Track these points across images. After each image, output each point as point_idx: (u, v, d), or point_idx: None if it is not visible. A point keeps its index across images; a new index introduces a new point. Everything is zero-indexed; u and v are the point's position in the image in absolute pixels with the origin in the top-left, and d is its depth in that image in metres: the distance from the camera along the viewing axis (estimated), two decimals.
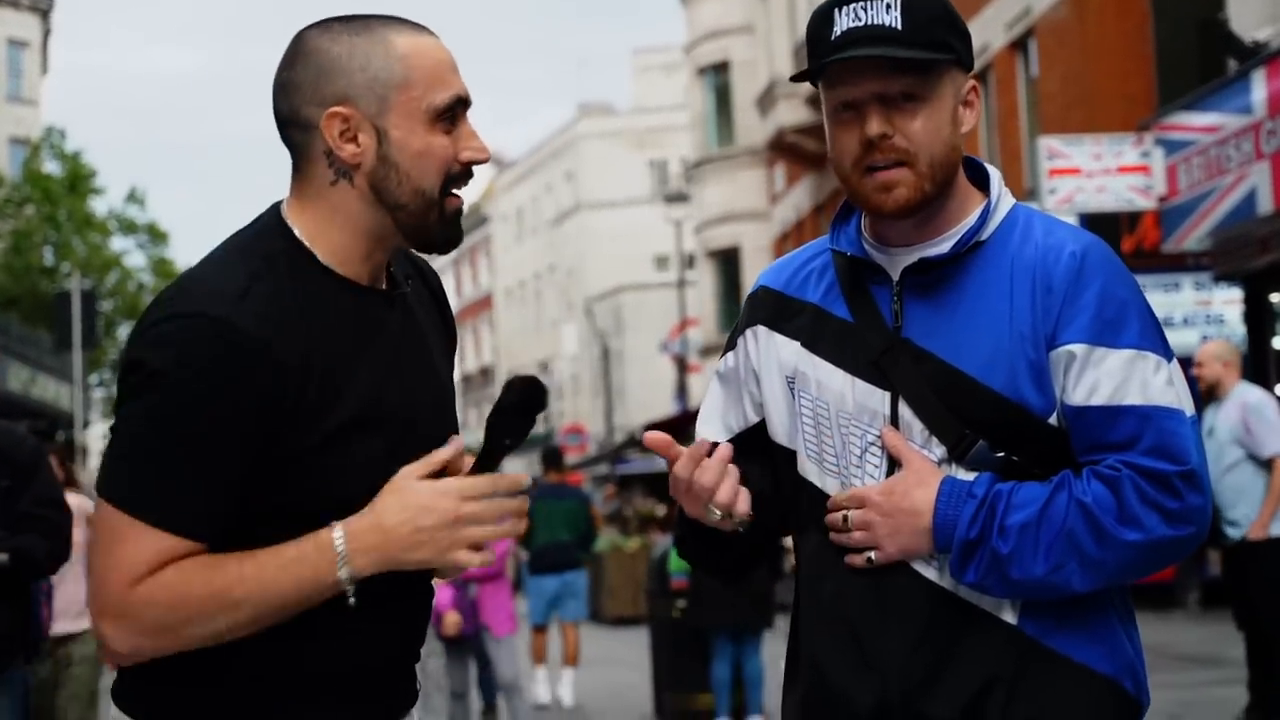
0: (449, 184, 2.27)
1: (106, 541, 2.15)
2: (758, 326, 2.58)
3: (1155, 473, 2.32)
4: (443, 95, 2.25)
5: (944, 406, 2.37)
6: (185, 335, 2.13)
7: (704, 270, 39.53)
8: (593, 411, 51.01)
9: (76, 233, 40.60)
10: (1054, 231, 2.45)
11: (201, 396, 2.11)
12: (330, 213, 2.27)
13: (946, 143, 2.40)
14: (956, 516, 2.33)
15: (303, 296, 2.22)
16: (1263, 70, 13.82)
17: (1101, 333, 2.35)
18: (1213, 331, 17.52)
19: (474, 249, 68.22)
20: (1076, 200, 16.51)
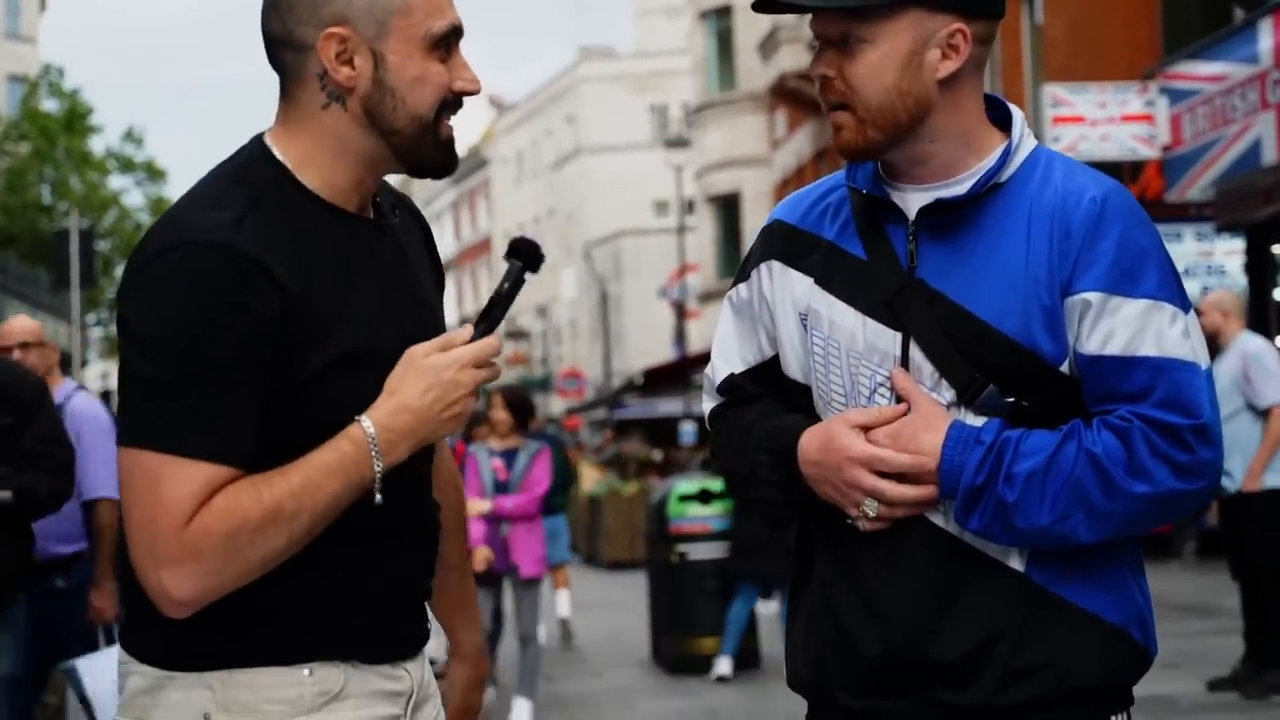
0: (442, 111, 2.27)
1: (145, 489, 2.09)
2: (772, 261, 2.55)
3: (1167, 425, 2.30)
4: (440, 23, 2.24)
5: (955, 349, 2.35)
6: (188, 263, 2.11)
7: (704, 216, 39.46)
8: (591, 356, 51.03)
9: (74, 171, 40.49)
10: (1075, 175, 2.41)
11: (213, 321, 2.09)
12: (321, 136, 2.25)
13: (889, 89, 2.36)
14: (963, 462, 2.31)
15: (295, 224, 2.20)
16: (1270, 20, 13.74)
17: (1119, 281, 2.32)
18: (1214, 282, 17.48)
19: (473, 192, 68.10)
20: (1080, 149, 16.45)
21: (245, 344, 2.10)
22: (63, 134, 40.03)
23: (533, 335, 56.86)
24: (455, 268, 69.94)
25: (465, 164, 68.50)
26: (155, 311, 2.11)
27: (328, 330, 2.17)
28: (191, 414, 2.09)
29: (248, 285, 2.10)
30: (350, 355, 2.19)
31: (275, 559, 2.13)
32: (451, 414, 2.22)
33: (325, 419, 2.17)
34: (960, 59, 2.42)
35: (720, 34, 38.09)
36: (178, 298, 2.10)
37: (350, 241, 2.26)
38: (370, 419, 2.17)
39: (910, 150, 2.42)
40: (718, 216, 38.73)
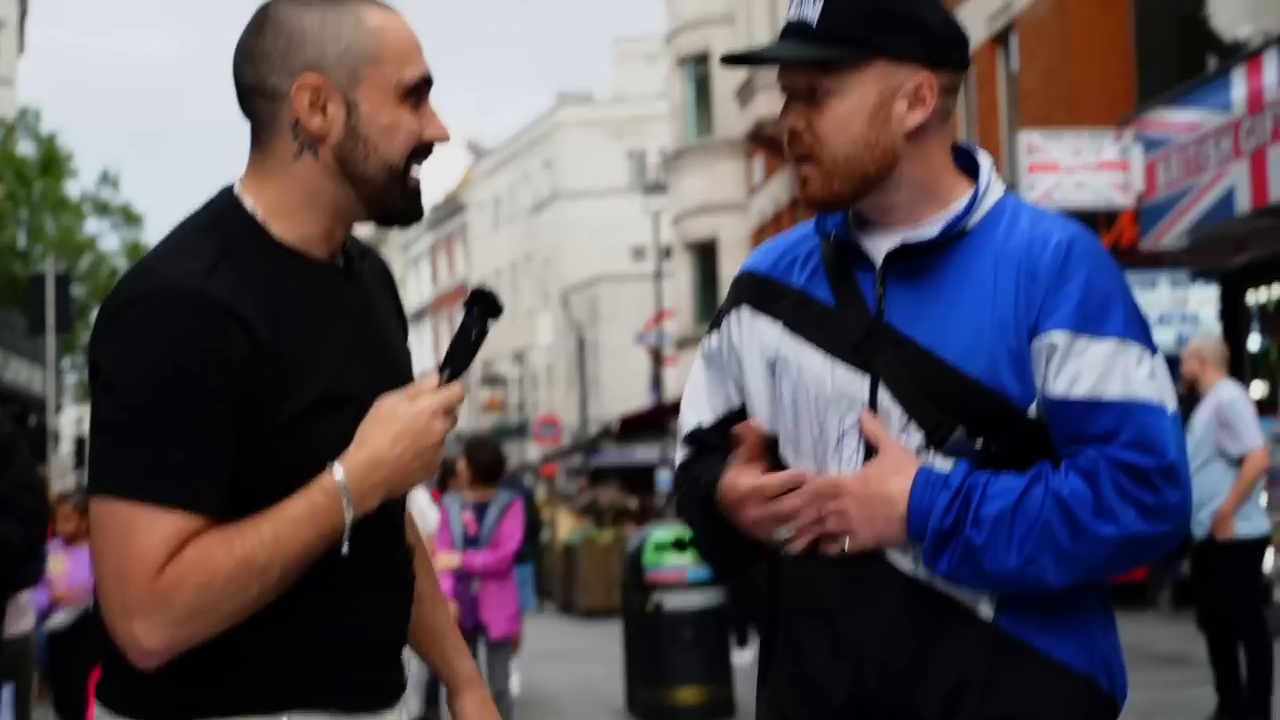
0: (412, 159, 2.28)
1: (116, 538, 2.08)
2: (741, 308, 2.58)
3: (1133, 467, 2.30)
4: (412, 72, 2.26)
5: (922, 393, 2.36)
6: (160, 311, 2.11)
7: (681, 262, 39.50)
8: (567, 403, 50.96)
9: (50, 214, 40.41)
10: (1040, 221, 2.43)
11: (184, 369, 2.09)
12: (292, 186, 2.26)
13: (856, 141, 2.39)
14: (931, 505, 2.32)
15: (266, 273, 2.20)
16: (1243, 68, 13.82)
17: (1085, 322, 2.34)
18: (1189, 330, 17.53)
19: (450, 237, 68.12)
20: (1055, 196, 16.50)
21: (216, 391, 2.10)
22: (39, 177, 39.97)
23: (509, 381, 56.79)
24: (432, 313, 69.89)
25: (443, 209, 68.56)
26: (126, 359, 2.11)
27: (299, 377, 2.18)
28: (162, 462, 2.09)
29: (219, 333, 2.11)
30: (321, 402, 2.19)
31: (246, 609, 2.12)
32: (422, 463, 2.22)
33: (297, 465, 2.17)
34: (927, 110, 2.42)
35: (698, 80, 38.23)
36: (149, 345, 2.10)
37: (320, 289, 2.26)
38: (342, 469, 2.16)
39: (877, 200, 2.44)
40: (695, 262, 38.78)
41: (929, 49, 2.41)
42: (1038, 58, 19.74)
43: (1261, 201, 13.52)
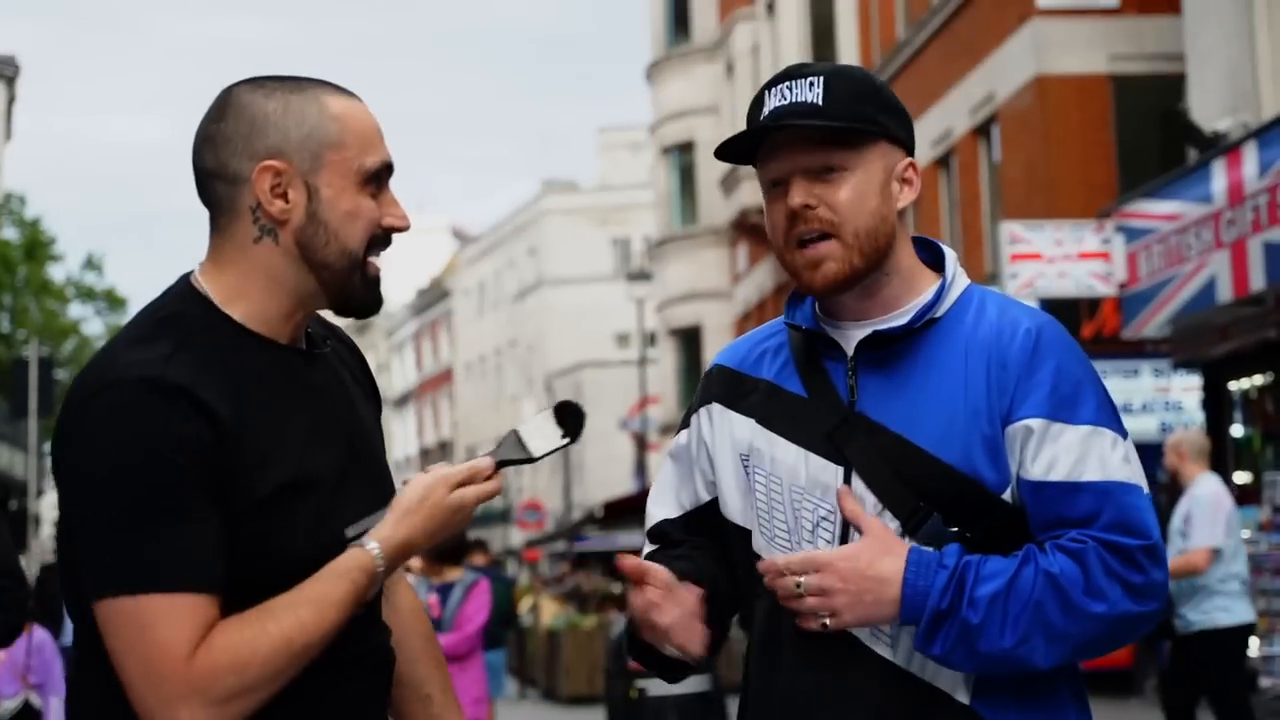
0: (372, 247, 2.28)
1: (136, 635, 2.05)
2: (712, 405, 2.58)
3: (1119, 546, 2.33)
4: (373, 159, 2.26)
5: (897, 480, 2.37)
6: (121, 401, 2.10)
7: (665, 348, 39.55)
8: (551, 488, 50.81)
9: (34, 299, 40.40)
10: (1009, 310, 2.47)
11: (155, 454, 2.07)
12: (251, 271, 2.25)
13: (874, 214, 2.42)
14: (929, 587, 2.30)
15: (225, 357, 2.19)
16: (1222, 160, 13.96)
17: (1058, 408, 2.37)
18: (1171, 418, 17.58)
19: (435, 323, 68.16)
20: (1038, 285, 16.60)
21: (191, 473, 2.09)
22: (23, 262, 40.00)
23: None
24: (416, 398, 69.78)
25: (428, 295, 68.66)
26: (97, 455, 2.09)
27: (263, 463, 2.16)
28: (164, 550, 2.07)
29: (181, 416, 2.09)
30: (287, 486, 2.17)
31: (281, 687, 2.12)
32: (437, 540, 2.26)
33: (255, 552, 2.14)
34: (915, 192, 2.49)
35: (682, 169, 38.45)
36: (115, 437, 2.08)
37: (281, 372, 2.25)
38: (380, 547, 2.18)
39: (869, 281, 2.46)
40: (679, 349, 38.84)
41: (909, 136, 2.50)
42: (1019, 149, 19.92)
43: (1243, 291, 13.62)
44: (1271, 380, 14.96)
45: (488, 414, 59.24)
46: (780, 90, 2.45)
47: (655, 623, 2.38)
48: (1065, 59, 19.15)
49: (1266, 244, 13.11)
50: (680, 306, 38.16)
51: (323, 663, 2.19)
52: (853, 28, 27.29)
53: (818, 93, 2.41)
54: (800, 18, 29.41)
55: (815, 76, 2.43)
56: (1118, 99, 19.10)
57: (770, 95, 2.46)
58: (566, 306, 54.44)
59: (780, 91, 2.44)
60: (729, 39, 34.09)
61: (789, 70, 2.48)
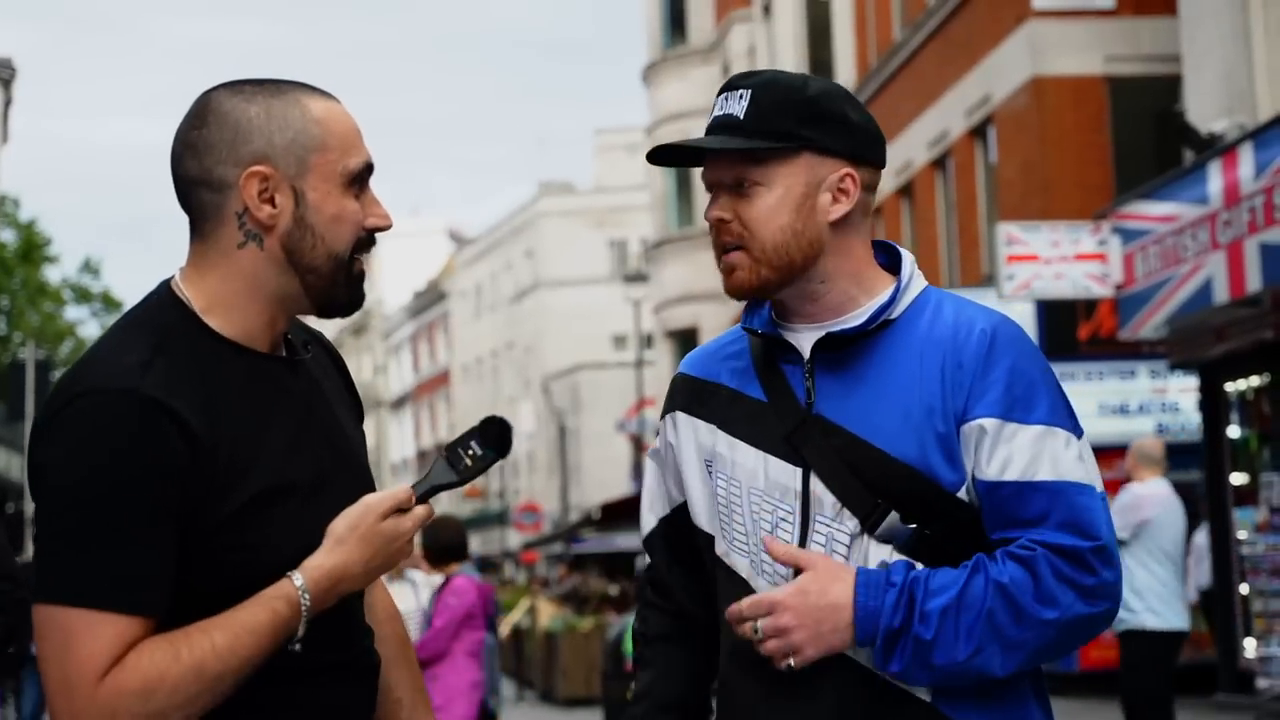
0: (358, 248, 2.27)
1: (59, 645, 2.05)
2: (676, 413, 2.64)
3: (1068, 549, 2.35)
4: (356, 160, 2.26)
5: (855, 479, 2.40)
6: (93, 413, 2.08)
7: (662, 350, 39.58)
8: (548, 490, 50.82)
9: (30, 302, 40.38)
10: (964, 310, 2.49)
11: (120, 471, 2.06)
12: (233, 277, 2.24)
13: (784, 229, 2.45)
14: (879, 606, 2.33)
15: (203, 367, 2.17)
16: (1219, 161, 13.97)
17: (1012, 408, 2.39)
18: (1168, 420, 17.59)
19: (432, 325, 68.17)
20: (1034, 286, 16.61)
21: (154, 492, 2.07)
22: (19, 265, 39.99)
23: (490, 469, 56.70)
24: (413, 400, 69.77)
25: (424, 297, 68.66)
26: (62, 463, 2.08)
27: (240, 472, 2.15)
28: (101, 567, 2.05)
29: (155, 432, 2.08)
30: (265, 494, 2.16)
31: (196, 715, 2.09)
32: (382, 570, 2.24)
33: (243, 559, 2.14)
34: (850, 202, 2.49)
35: (679, 171, 38.44)
36: (83, 448, 2.07)
37: (260, 381, 2.24)
38: (303, 577, 2.15)
39: (802, 290, 2.50)
40: (676, 350, 38.84)
41: (851, 145, 2.49)
42: (1016, 150, 19.94)
43: (1239, 292, 13.63)
44: (1268, 381, 14.97)
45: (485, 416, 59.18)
46: (720, 100, 2.51)
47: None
48: (1061, 60, 19.17)
49: (1263, 245, 13.13)
50: (677, 308, 38.18)
51: (308, 668, 2.19)
52: (849, 29, 27.31)
53: (742, 105, 2.47)
54: (796, 19, 29.43)
55: (746, 88, 2.48)
56: (1114, 100, 19.13)
57: (716, 102, 2.52)
58: (563, 308, 54.47)
59: (720, 101, 2.51)
60: (725, 41, 34.12)
61: (733, 79, 2.52)
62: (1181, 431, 17.39)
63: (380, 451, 68.56)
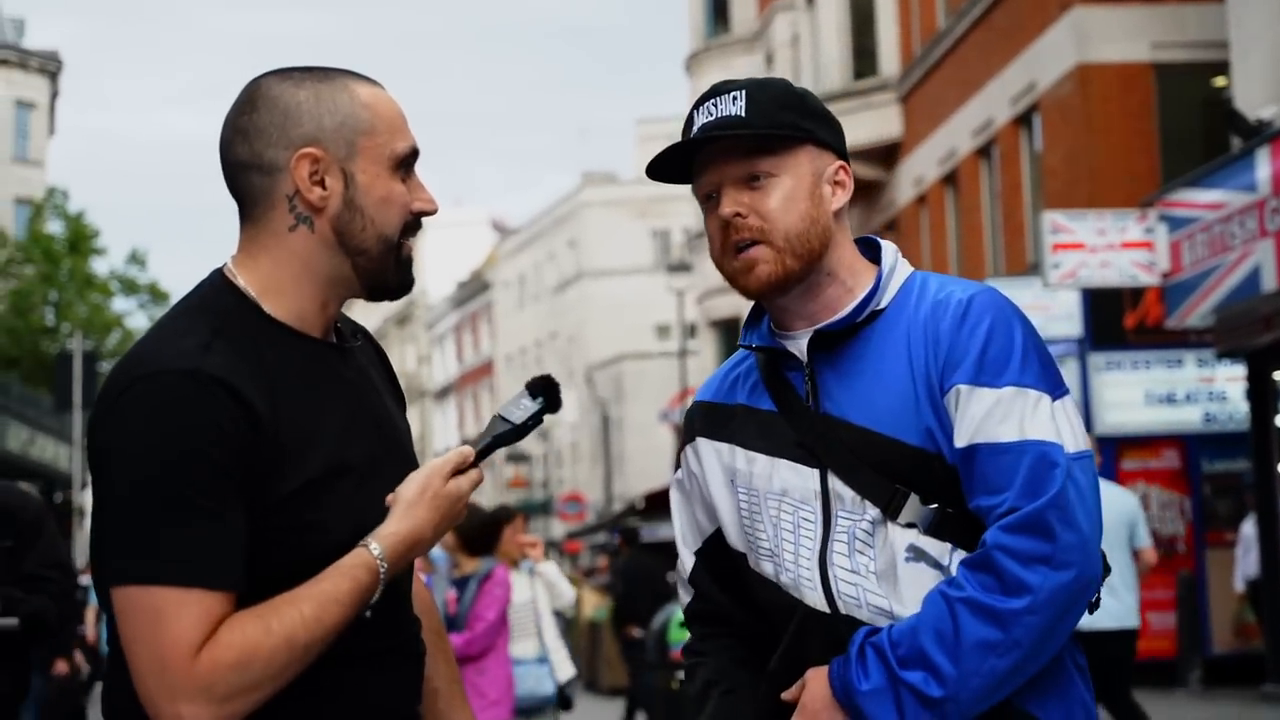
0: (405, 231, 2.31)
1: (148, 626, 2.07)
2: (696, 440, 2.69)
3: (1024, 520, 2.32)
4: (403, 144, 2.30)
5: (870, 470, 2.43)
6: (159, 393, 2.11)
7: (705, 340, 39.55)
8: (591, 480, 50.88)
9: (77, 293, 40.66)
10: (945, 286, 2.53)
11: (189, 448, 2.08)
12: (285, 260, 2.27)
13: (804, 217, 2.49)
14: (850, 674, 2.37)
15: (261, 350, 2.21)
16: (1267, 148, 13.86)
17: (981, 372, 2.40)
18: (1215, 409, 17.49)
19: (475, 315, 68.32)
20: (1080, 275, 16.52)
21: (223, 468, 2.10)
22: (67, 256, 40.25)
23: (534, 458, 56.77)
24: (457, 390, 69.96)
25: (468, 287, 68.79)
26: (131, 444, 2.10)
27: (299, 452, 2.18)
28: (182, 544, 2.08)
29: (219, 409, 2.10)
30: (322, 476, 2.20)
31: (282, 686, 2.11)
32: (444, 531, 2.28)
33: (299, 540, 2.17)
34: (846, 194, 2.56)
35: None
36: (150, 428, 2.09)
37: (315, 365, 2.27)
38: (382, 546, 2.18)
39: (809, 284, 2.52)
40: (719, 340, 38.82)
41: (839, 140, 2.58)
42: (1061, 138, 19.83)
43: None
44: None
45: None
46: (706, 108, 2.53)
47: None
48: (1107, 47, 19.04)
49: None
50: (720, 298, 38.13)
51: (357, 654, 2.21)
52: (893, 17, 27.21)
53: (740, 105, 2.50)
54: (840, 8, 29.32)
55: (738, 91, 2.51)
56: (1160, 87, 18.99)
57: (698, 114, 2.54)
58: (606, 298, 54.49)
59: (706, 109, 2.53)
60: (768, 30, 34.03)
61: (714, 88, 2.55)
62: (1229, 421, 17.29)
63: (424, 441, 68.77)
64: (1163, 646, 16.66)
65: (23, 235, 41.84)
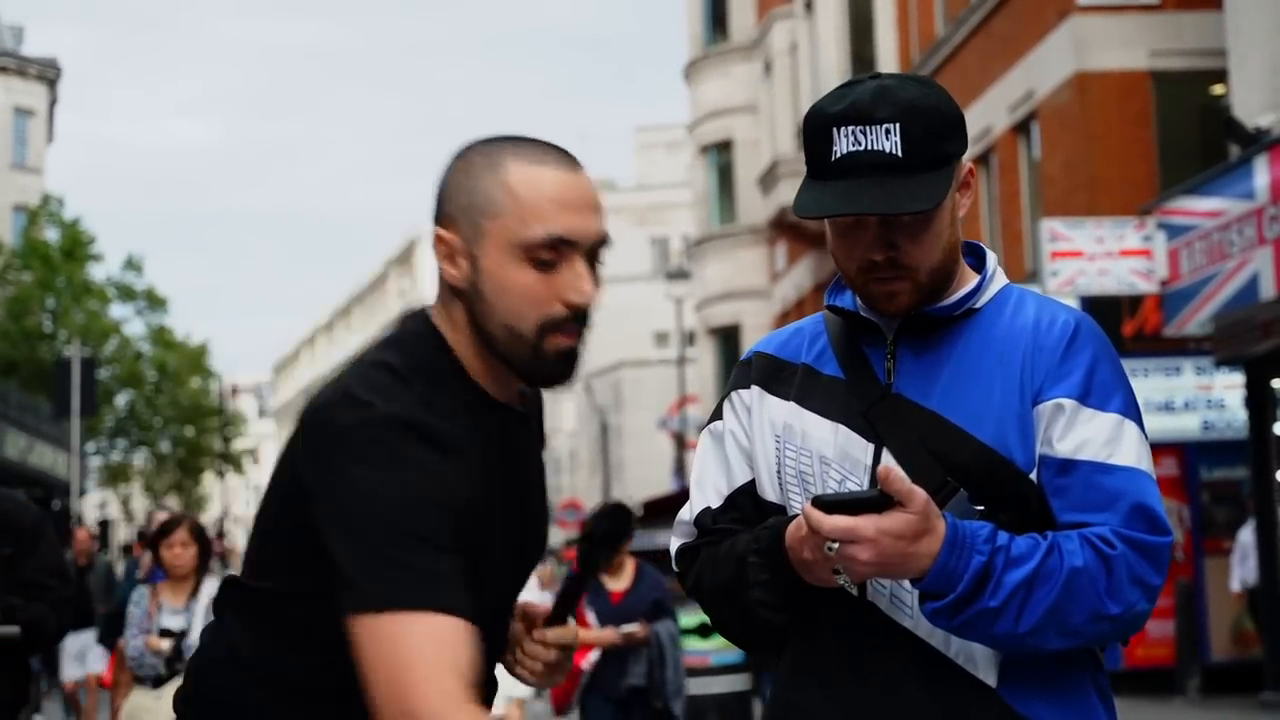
0: (549, 326, 2.21)
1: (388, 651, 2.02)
2: (752, 388, 2.61)
3: (1147, 545, 2.35)
4: (538, 230, 2.18)
5: (929, 455, 2.40)
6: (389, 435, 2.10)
7: (704, 347, 39.56)
8: (590, 487, 50.86)
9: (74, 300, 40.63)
10: (1047, 305, 2.53)
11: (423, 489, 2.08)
12: (456, 327, 2.26)
13: (946, 247, 2.48)
14: (960, 570, 2.29)
15: (465, 415, 2.20)
16: (1265, 156, 13.87)
17: (1091, 394, 2.41)
18: (1214, 416, 17.48)
19: None
20: (1078, 283, 16.53)
21: (449, 512, 2.10)
22: (63, 262, 40.23)
23: None
24: None
25: None
26: (365, 480, 2.08)
27: (480, 520, 2.19)
28: (427, 573, 2.05)
29: (447, 460, 2.11)
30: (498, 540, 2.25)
31: None
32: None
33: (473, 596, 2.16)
34: (973, 194, 2.54)
35: (721, 168, 38.43)
36: (388, 467, 2.08)
37: (504, 436, 2.28)
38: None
39: None
40: (718, 348, 38.82)
41: (965, 140, 2.51)
42: (1059, 146, 19.84)
43: None
44: None
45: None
46: (853, 134, 2.40)
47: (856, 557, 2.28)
48: (1105, 55, 19.06)
49: None
50: (719, 305, 38.15)
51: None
52: (891, 25, 27.23)
53: (895, 141, 2.39)
54: (839, 15, 29.35)
55: (891, 123, 2.39)
56: (1158, 95, 19.00)
57: (840, 136, 2.41)
58: (605, 306, 54.16)
59: (853, 134, 2.40)
60: (767, 38, 34.06)
61: (857, 106, 2.41)
62: (1228, 428, 17.28)
63: None
64: (1161, 654, 16.65)
65: (19, 242, 41.80)
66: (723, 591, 2.52)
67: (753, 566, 2.44)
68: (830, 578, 2.33)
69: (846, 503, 2.26)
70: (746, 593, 2.46)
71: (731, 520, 2.57)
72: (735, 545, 2.50)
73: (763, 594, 2.44)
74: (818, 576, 2.36)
